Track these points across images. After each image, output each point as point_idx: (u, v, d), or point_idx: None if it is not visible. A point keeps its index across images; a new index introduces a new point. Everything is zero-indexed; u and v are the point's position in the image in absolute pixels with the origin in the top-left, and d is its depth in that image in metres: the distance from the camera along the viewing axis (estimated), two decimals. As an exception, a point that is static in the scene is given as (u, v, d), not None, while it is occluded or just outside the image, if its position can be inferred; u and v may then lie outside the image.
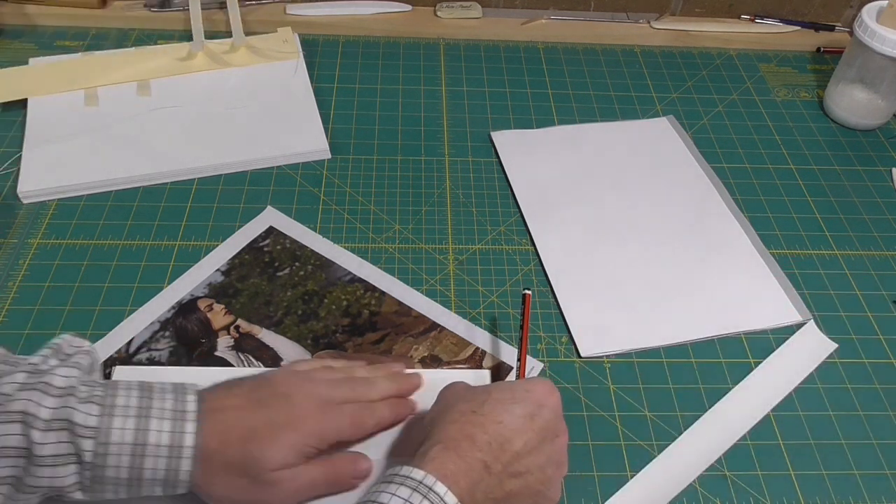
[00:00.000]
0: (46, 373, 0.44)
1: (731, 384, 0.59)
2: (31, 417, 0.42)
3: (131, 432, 0.43)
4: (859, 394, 0.59)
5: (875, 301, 0.66)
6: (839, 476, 0.54)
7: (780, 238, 0.71)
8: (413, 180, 0.73)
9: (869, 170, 0.79)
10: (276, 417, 0.46)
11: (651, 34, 0.93)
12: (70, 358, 0.47)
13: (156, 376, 0.55)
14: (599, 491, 0.52)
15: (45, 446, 0.42)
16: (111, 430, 0.43)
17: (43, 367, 0.45)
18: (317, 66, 0.86)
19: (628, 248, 0.68)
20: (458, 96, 0.83)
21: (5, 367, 0.44)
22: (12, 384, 0.43)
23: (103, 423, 0.43)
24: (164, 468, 0.44)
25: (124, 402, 0.44)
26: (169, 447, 0.44)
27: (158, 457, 0.43)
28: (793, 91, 0.88)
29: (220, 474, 0.45)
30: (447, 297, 0.63)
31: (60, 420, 0.42)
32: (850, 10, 0.95)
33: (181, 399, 0.45)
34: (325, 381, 0.50)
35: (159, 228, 0.67)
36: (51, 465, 0.42)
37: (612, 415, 0.57)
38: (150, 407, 0.44)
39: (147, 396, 0.45)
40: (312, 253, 0.65)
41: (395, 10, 0.93)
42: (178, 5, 0.89)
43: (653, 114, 0.83)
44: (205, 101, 0.78)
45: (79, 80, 0.79)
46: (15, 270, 0.63)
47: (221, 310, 0.61)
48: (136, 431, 0.43)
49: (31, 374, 0.44)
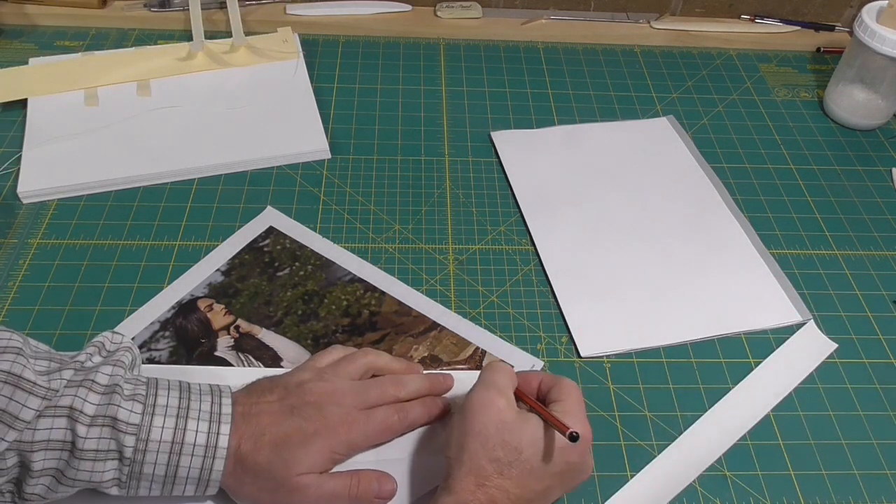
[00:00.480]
0: (91, 370, 0.46)
1: (731, 384, 0.59)
2: (77, 413, 0.44)
3: (170, 431, 0.45)
4: (859, 394, 0.59)
5: (875, 301, 0.66)
6: (839, 476, 0.54)
7: (780, 238, 0.71)
8: (413, 180, 0.73)
9: (869, 170, 0.79)
10: (307, 426, 0.47)
11: (651, 34, 0.93)
12: (112, 355, 0.48)
13: (158, 374, 0.55)
14: (599, 491, 0.52)
15: (88, 441, 0.44)
16: (152, 427, 0.45)
17: (88, 365, 0.46)
18: (317, 66, 0.86)
19: (628, 248, 0.68)
20: (458, 96, 0.83)
21: (53, 364, 0.45)
22: (60, 381, 0.44)
23: (145, 421, 0.45)
24: (198, 467, 0.45)
25: (164, 402, 0.46)
26: (205, 447, 0.45)
27: (194, 455, 0.45)
28: (793, 91, 0.88)
29: (249, 475, 0.46)
30: (447, 297, 0.63)
31: (104, 416, 0.44)
32: (850, 10, 0.95)
33: (217, 402, 0.47)
34: (355, 388, 0.50)
35: (159, 228, 0.67)
36: (92, 459, 0.44)
37: (612, 415, 0.57)
38: (188, 407, 0.46)
39: (186, 397, 0.47)
40: (312, 253, 0.65)
41: (395, 10, 0.93)
42: (178, 5, 0.89)
43: (653, 114, 0.83)
44: (205, 101, 0.78)
45: (79, 80, 0.79)
46: (15, 270, 0.63)
47: (221, 310, 0.61)
48: (175, 430, 0.45)
49: (77, 371, 0.45)
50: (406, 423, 0.51)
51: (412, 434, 0.53)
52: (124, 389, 0.45)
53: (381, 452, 0.51)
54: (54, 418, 0.43)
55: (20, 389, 0.42)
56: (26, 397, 0.42)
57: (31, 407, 0.42)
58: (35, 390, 0.43)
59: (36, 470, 0.43)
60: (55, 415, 0.43)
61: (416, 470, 0.51)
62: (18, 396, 0.42)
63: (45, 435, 0.43)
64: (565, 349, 0.60)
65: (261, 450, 0.46)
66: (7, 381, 0.42)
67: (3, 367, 0.42)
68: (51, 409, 0.43)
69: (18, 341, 0.44)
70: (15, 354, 0.43)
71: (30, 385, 0.43)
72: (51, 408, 0.43)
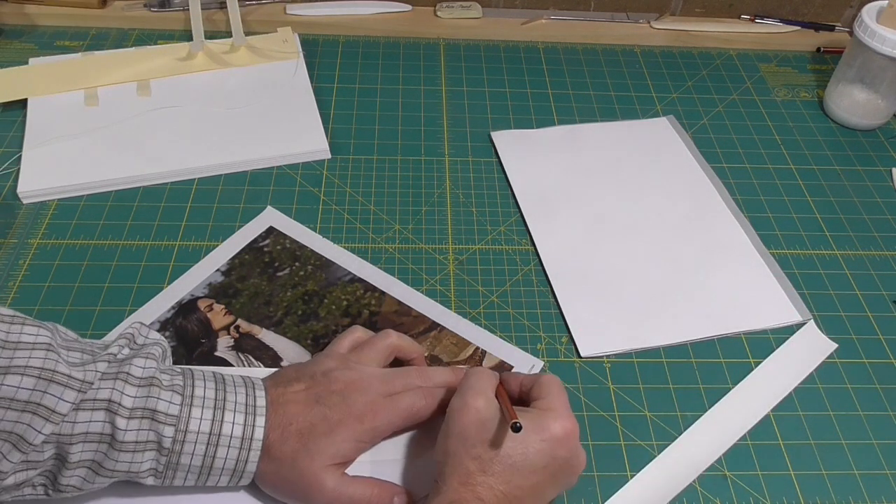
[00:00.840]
0: (125, 362, 0.46)
1: (731, 384, 0.59)
2: (116, 405, 0.44)
3: (208, 423, 0.46)
4: (859, 394, 0.59)
5: (875, 301, 0.66)
6: (839, 476, 0.54)
7: (780, 238, 0.71)
8: (413, 180, 0.73)
9: (869, 170, 0.79)
10: (332, 415, 0.48)
11: (651, 34, 0.93)
12: (143, 348, 0.48)
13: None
14: (599, 491, 0.52)
15: (128, 433, 0.44)
16: (190, 419, 0.45)
17: (120, 357, 0.47)
18: (317, 66, 0.86)
19: (628, 248, 0.68)
20: (458, 96, 0.83)
21: (85, 356, 0.45)
22: (95, 372, 0.44)
23: (183, 413, 0.45)
24: (234, 458, 0.46)
25: (202, 393, 0.47)
26: (241, 439, 0.46)
27: (231, 447, 0.46)
28: (793, 91, 0.88)
29: (273, 464, 0.47)
30: (447, 297, 0.63)
31: (143, 409, 0.45)
32: (850, 10, 0.95)
33: (252, 393, 0.48)
34: (380, 376, 0.51)
35: (159, 228, 0.67)
36: (131, 450, 0.44)
37: (612, 415, 0.57)
38: (224, 399, 0.47)
39: (221, 388, 0.47)
40: (312, 253, 0.65)
41: (395, 10, 0.93)
42: (178, 5, 0.89)
43: (653, 114, 0.83)
44: (205, 101, 0.78)
45: (79, 80, 0.79)
46: (15, 270, 0.63)
47: (221, 310, 0.61)
48: (213, 422, 0.46)
49: (110, 363, 0.46)
50: (432, 408, 0.51)
51: (408, 436, 0.53)
52: (162, 381, 0.46)
53: (377, 453, 0.51)
54: (93, 411, 0.44)
55: (55, 383, 0.43)
56: (62, 391, 0.43)
57: (68, 400, 0.43)
58: (70, 383, 0.43)
59: (73, 462, 0.44)
60: (93, 408, 0.44)
61: (411, 473, 0.51)
62: (54, 390, 0.42)
63: (83, 427, 0.43)
64: (565, 349, 0.60)
65: (287, 439, 0.47)
66: (41, 376, 0.42)
67: (36, 364, 0.42)
68: (88, 402, 0.44)
69: (47, 336, 0.44)
70: (45, 350, 0.43)
71: (65, 378, 0.43)
72: (88, 401, 0.44)
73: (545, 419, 0.46)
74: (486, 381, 0.49)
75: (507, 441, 0.45)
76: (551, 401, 0.47)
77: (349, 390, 0.49)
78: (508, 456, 0.45)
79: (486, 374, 0.50)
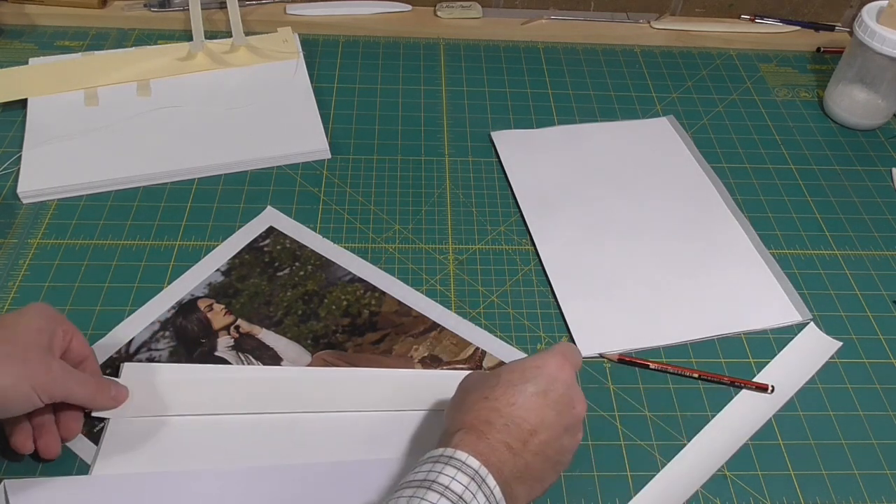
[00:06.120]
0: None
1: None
2: None
3: None
4: (859, 394, 0.59)
5: (875, 301, 0.66)
6: (839, 476, 0.54)
7: (780, 238, 0.71)
8: (413, 180, 0.73)
9: (869, 170, 0.78)
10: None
11: (651, 34, 0.93)
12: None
13: (161, 372, 0.55)
14: (599, 491, 0.52)
15: None
16: None
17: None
18: (317, 66, 0.86)
19: (628, 248, 0.68)
20: (458, 96, 0.83)
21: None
22: None
23: None
24: None
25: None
26: None
27: None
28: (793, 91, 0.88)
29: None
30: (447, 297, 0.63)
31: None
32: (850, 10, 0.95)
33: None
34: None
35: (159, 228, 0.67)
36: None
37: (613, 415, 0.57)
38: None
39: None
40: (312, 253, 0.65)
41: (395, 10, 0.93)
42: (178, 5, 0.89)
43: (653, 114, 0.83)
44: (205, 101, 0.78)
45: (79, 80, 0.79)
46: (15, 270, 0.63)
47: (221, 310, 0.61)
48: None
49: None
50: None
51: (405, 435, 0.53)
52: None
53: (373, 454, 0.51)
54: None
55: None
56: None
57: None
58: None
59: None
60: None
61: (407, 471, 0.51)
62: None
63: None
64: (565, 349, 0.60)
65: None
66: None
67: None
68: None
69: None
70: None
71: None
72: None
73: (540, 354, 0.49)
74: None
75: (503, 368, 0.48)
76: (554, 347, 0.50)
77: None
78: (508, 373, 0.47)
79: None
